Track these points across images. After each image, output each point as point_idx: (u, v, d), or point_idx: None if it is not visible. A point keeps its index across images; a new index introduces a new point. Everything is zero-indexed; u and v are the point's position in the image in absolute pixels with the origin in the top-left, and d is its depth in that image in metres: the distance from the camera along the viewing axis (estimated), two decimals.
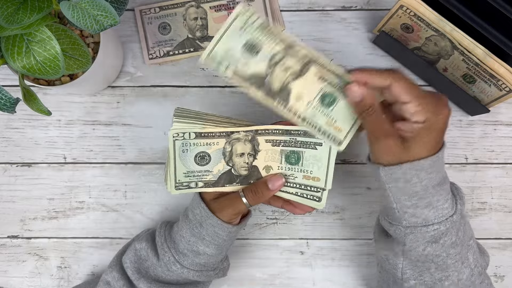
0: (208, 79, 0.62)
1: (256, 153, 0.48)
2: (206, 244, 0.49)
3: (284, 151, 0.47)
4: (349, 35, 0.63)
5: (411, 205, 0.43)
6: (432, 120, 0.41)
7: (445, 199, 0.43)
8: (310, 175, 0.47)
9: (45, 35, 0.43)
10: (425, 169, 0.42)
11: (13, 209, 0.62)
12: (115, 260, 0.53)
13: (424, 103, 0.41)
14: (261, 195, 0.47)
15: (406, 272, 0.46)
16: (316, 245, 0.61)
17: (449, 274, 0.45)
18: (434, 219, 0.43)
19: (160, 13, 0.62)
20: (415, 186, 0.42)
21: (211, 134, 0.46)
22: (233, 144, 0.47)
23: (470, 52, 0.52)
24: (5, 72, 0.62)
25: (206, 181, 0.48)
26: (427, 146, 0.42)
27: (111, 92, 0.62)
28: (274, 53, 0.43)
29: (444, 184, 0.44)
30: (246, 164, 0.48)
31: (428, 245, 0.44)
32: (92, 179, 0.62)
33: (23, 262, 0.61)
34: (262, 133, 0.47)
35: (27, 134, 0.62)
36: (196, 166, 0.47)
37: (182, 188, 0.48)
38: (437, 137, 0.42)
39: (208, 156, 0.47)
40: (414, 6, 0.52)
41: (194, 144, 0.46)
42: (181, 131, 0.46)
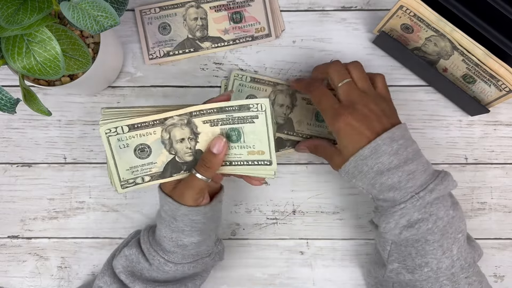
0: (208, 79, 0.62)
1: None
2: (188, 234, 0.48)
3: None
4: (349, 35, 0.63)
5: (378, 192, 0.48)
6: (335, 128, 0.49)
7: (407, 179, 0.46)
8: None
9: (45, 35, 0.43)
10: (368, 157, 0.47)
11: (13, 209, 0.62)
12: (106, 265, 0.53)
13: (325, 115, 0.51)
14: (211, 164, 0.46)
15: (392, 254, 0.49)
16: (316, 245, 0.61)
17: (428, 261, 0.47)
18: (400, 199, 0.47)
19: (160, 13, 0.62)
20: (369, 173, 0.47)
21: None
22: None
23: (470, 52, 0.52)
24: (5, 73, 0.62)
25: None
26: (349, 145, 0.48)
27: (111, 92, 0.62)
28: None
29: (404, 166, 0.47)
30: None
31: (404, 229, 0.47)
32: (92, 179, 0.62)
33: (24, 262, 0.62)
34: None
35: (27, 134, 0.62)
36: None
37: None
38: (351, 137, 0.48)
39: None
40: (414, 6, 0.52)
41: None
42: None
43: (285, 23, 0.63)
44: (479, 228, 0.61)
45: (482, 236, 0.61)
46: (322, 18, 0.63)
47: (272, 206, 0.61)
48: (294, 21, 0.63)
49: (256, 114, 0.46)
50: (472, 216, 0.61)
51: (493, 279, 0.61)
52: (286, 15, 0.63)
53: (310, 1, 0.63)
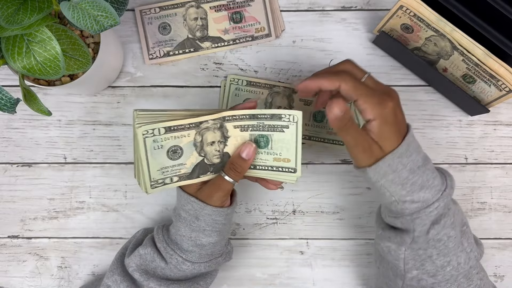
0: (208, 79, 0.62)
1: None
2: (207, 234, 0.49)
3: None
4: (349, 35, 0.63)
5: (407, 193, 0.45)
6: (381, 113, 0.44)
7: (433, 177, 0.46)
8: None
9: (45, 35, 0.43)
10: (404, 154, 0.45)
11: (14, 209, 0.62)
12: (115, 264, 0.53)
13: (369, 101, 0.44)
14: (240, 168, 0.48)
15: (408, 262, 0.47)
16: (316, 245, 0.61)
17: (450, 259, 0.46)
18: (432, 198, 0.45)
19: (160, 13, 0.62)
20: (403, 172, 0.45)
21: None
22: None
23: (470, 52, 0.52)
24: (5, 72, 0.62)
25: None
26: (392, 138, 0.45)
27: (111, 92, 0.62)
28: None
29: (427, 164, 0.46)
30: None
31: (432, 227, 0.45)
32: (92, 179, 0.62)
33: (24, 262, 0.62)
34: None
35: (28, 134, 0.62)
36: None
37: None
38: (395, 126, 0.45)
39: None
40: (414, 6, 0.52)
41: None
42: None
43: (285, 23, 0.63)
44: (479, 228, 0.61)
45: (482, 236, 0.61)
46: (322, 18, 0.63)
47: (272, 206, 0.61)
48: (294, 21, 0.63)
49: (287, 124, 0.47)
50: (472, 216, 0.61)
51: (493, 279, 0.61)
52: (286, 15, 0.63)
53: (310, 1, 0.63)
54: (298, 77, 0.62)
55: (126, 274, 0.52)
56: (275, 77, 0.62)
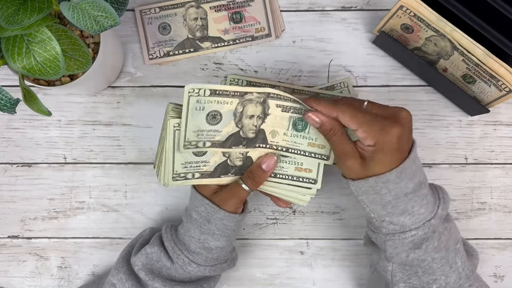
0: (208, 79, 0.62)
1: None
2: (216, 238, 0.49)
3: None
4: (349, 36, 0.63)
5: (386, 213, 0.45)
6: (381, 141, 0.43)
7: (420, 205, 0.45)
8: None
9: (45, 35, 0.43)
10: (391, 181, 0.43)
11: (14, 209, 0.62)
12: (120, 262, 0.53)
13: (369, 129, 0.43)
14: (258, 178, 0.49)
15: (396, 275, 0.47)
16: (316, 245, 0.61)
17: (436, 278, 0.46)
18: (411, 225, 0.44)
19: (160, 13, 0.62)
20: (386, 196, 0.44)
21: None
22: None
23: (470, 53, 0.52)
24: (5, 73, 0.62)
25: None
26: (384, 164, 0.43)
27: (111, 92, 0.62)
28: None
29: (419, 191, 0.45)
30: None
31: (411, 251, 0.45)
32: (92, 179, 0.62)
33: (24, 262, 0.62)
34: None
35: (28, 134, 0.62)
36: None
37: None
38: (392, 155, 0.43)
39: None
40: (414, 6, 0.52)
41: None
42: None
43: (285, 23, 0.63)
44: (479, 228, 0.61)
45: (482, 236, 0.61)
46: (322, 18, 0.63)
47: (272, 206, 0.61)
48: (294, 21, 0.63)
49: None
50: (472, 216, 0.61)
51: (493, 279, 0.61)
52: (286, 15, 0.63)
53: (310, 1, 0.63)
54: (298, 77, 0.62)
55: (131, 273, 0.52)
56: (275, 77, 0.62)
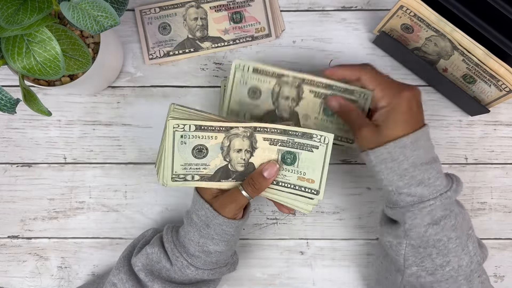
0: (208, 79, 0.62)
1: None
2: (215, 242, 0.49)
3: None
4: (349, 35, 0.63)
5: (404, 184, 0.46)
6: (394, 102, 0.47)
7: (436, 177, 0.46)
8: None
9: (45, 35, 0.43)
10: (408, 146, 0.46)
11: (14, 209, 0.62)
12: (121, 262, 0.53)
13: (386, 88, 0.48)
14: (259, 186, 0.48)
15: (409, 258, 0.48)
16: (316, 245, 0.61)
17: (449, 260, 0.46)
18: (429, 195, 0.46)
19: (160, 13, 0.62)
20: (403, 164, 0.46)
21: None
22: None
23: (470, 53, 0.52)
24: (5, 73, 0.62)
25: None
26: (398, 125, 0.47)
27: (111, 92, 0.62)
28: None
29: (433, 163, 0.47)
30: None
31: (429, 226, 0.46)
32: (92, 179, 0.62)
33: (24, 262, 0.62)
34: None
35: (28, 134, 0.62)
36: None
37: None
38: (405, 116, 0.47)
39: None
40: (414, 6, 0.52)
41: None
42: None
43: (285, 23, 0.63)
44: (479, 228, 0.61)
45: (482, 236, 0.61)
46: (322, 18, 0.63)
47: (272, 206, 0.61)
48: (294, 21, 0.63)
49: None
50: (472, 216, 0.61)
51: (493, 279, 0.61)
52: (286, 15, 0.63)
53: (310, 1, 0.63)
54: None
55: (132, 273, 0.52)
56: None
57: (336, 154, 0.61)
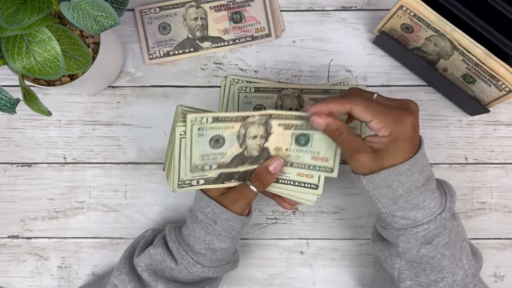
0: (208, 79, 0.62)
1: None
2: (221, 239, 0.49)
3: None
4: (349, 35, 0.63)
5: (398, 208, 0.45)
6: (396, 131, 0.43)
7: (431, 198, 0.45)
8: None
9: (45, 35, 0.43)
10: (404, 173, 0.44)
11: (14, 209, 0.62)
12: (122, 263, 0.53)
13: (385, 119, 0.43)
14: (265, 180, 0.49)
15: (403, 272, 0.47)
16: (316, 245, 0.61)
17: (444, 276, 0.46)
18: (423, 219, 0.45)
19: (160, 13, 0.62)
20: (398, 190, 0.44)
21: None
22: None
23: (470, 52, 0.52)
24: (5, 73, 0.62)
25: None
26: (398, 154, 0.44)
27: (111, 92, 0.62)
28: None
29: (428, 184, 0.45)
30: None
31: (422, 246, 0.45)
32: (92, 179, 0.62)
33: (24, 262, 0.62)
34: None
35: (28, 134, 0.62)
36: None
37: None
38: (407, 145, 0.44)
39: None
40: (414, 6, 0.52)
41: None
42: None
43: (285, 23, 0.63)
44: (479, 228, 0.61)
45: (482, 236, 0.61)
46: (322, 18, 0.63)
47: (272, 206, 0.61)
48: (294, 21, 0.63)
49: None
50: (472, 216, 0.61)
51: (493, 279, 0.61)
52: (286, 15, 0.63)
53: (310, 1, 0.63)
54: (298, 77, 0.62)
55: (133, 274, 0.52)
56: (275, 77, 0.62)
57: None
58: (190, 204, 0.61)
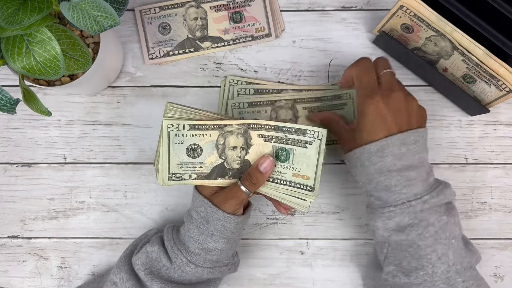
0: (208, 79, 0.62)
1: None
2: (215, 239, 0.49)
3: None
4: (349, 35, 0.63)
5: (372, 188, 0.49)
6: (362, 107, 0.48)
7: (403, 185, 0.47)
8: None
9: (45, 35, 0.43)
10: (374, 153, 0.47)
11: (14, 209, 0.62)
12: (122, 261, 0.53)
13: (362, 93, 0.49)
14: (256, 181, 0.48)
15: (389, 257, 0.49)
16: (316, 245, 0.61)
17: (423, 265, 0.47)
18: (392, 202, 0.47)
19: (160, 13, 0.62)
20: (369, 169, 0.48)
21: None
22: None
23: (470, 52, 0.52)
24: (5, 73, 0.62)
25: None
26: (368, 133, 0.47)
27: (111, 92, 0.62)
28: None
29: (404, 171, 0.47)
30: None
31: (393, 232, 0.48)
32: (92, 179, 0.62)
33: (24, 262, 0.62)
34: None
35: (27, 134, 0.62)
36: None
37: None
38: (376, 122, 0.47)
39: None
40: (414, 6, 0.52)
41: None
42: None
43: (285, 23, 0.63)
44: (479, 228, 0.61)
45: (482, 236, 0.61)
46: (322, 18, 0.63)
47: (272, 206, 0.61)
48: (294, 21, 0.63)
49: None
50: (472, 216, 0.61)
51: (493, 279, 0.61)
52: (286, 15, 0.63)
53: (310, 1, 0.63)
54: (298, 77, 0.62)
55: (132, 272, 0.52)
56: (275, 77, 0.62)
57: (335, 155, 0.61)
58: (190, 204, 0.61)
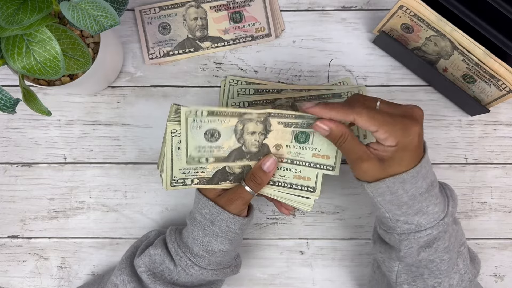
0: (208, 79, 0.62)
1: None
2: (220, 241, 0.49)
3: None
4: (349, 35, 0.63)
5: (402, 213, 0.45)
6: (403, 142, 0.42)
7: (435, 204, 0.45)
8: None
9: (45, 35, 0.43)
10: (408, 181, 0.43)
11: (14, 209, 0.62)
12: (123, 263, 0.53)
13: (390, 129, 0.42)
14: (260, 180, 0.48)
15: (401, 276, 0.47)
16: (316, 245, 0.61)
17: (441, 281, 0.46)
18: (426, 224, 0.44)
19: (160, 13, 0.62)
20: (402, 197, 0.44)
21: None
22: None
23: (470, 52, 0.52)
24: (5, 72, 0.62)
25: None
26: (404, 163, 0.43)
27: (111, 92, 0.62)
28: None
29: (432, 190, 0.45)
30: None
31: (422, 250, 0.45)
32: (92, 179, 0.62)
33: (24, 262, 0.62)
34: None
35: (27, 134, 0.62)
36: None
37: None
38: (413, 153, 0.43)
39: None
40: (414, 6, 0.52)
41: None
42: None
43: (285, 23, 0.63)
44: (479, 228, 0.61)
45: (482, 236, 0.61)
46: (322, 18, 0.63)
47: (272, 206, 0.61)
48: (294, 21, 0.63)
49: None
50: (472, 216, 0.61)
51: (493, 279, 0.61)
52: (286, 15, 0.63)
53: (310, 1, 0.63)
54: (298, 77, 0.62)
55: (134, 274, 0.52)
56: (275, 77, 0.62)
57: None
58: (190, 204, 0.61)
